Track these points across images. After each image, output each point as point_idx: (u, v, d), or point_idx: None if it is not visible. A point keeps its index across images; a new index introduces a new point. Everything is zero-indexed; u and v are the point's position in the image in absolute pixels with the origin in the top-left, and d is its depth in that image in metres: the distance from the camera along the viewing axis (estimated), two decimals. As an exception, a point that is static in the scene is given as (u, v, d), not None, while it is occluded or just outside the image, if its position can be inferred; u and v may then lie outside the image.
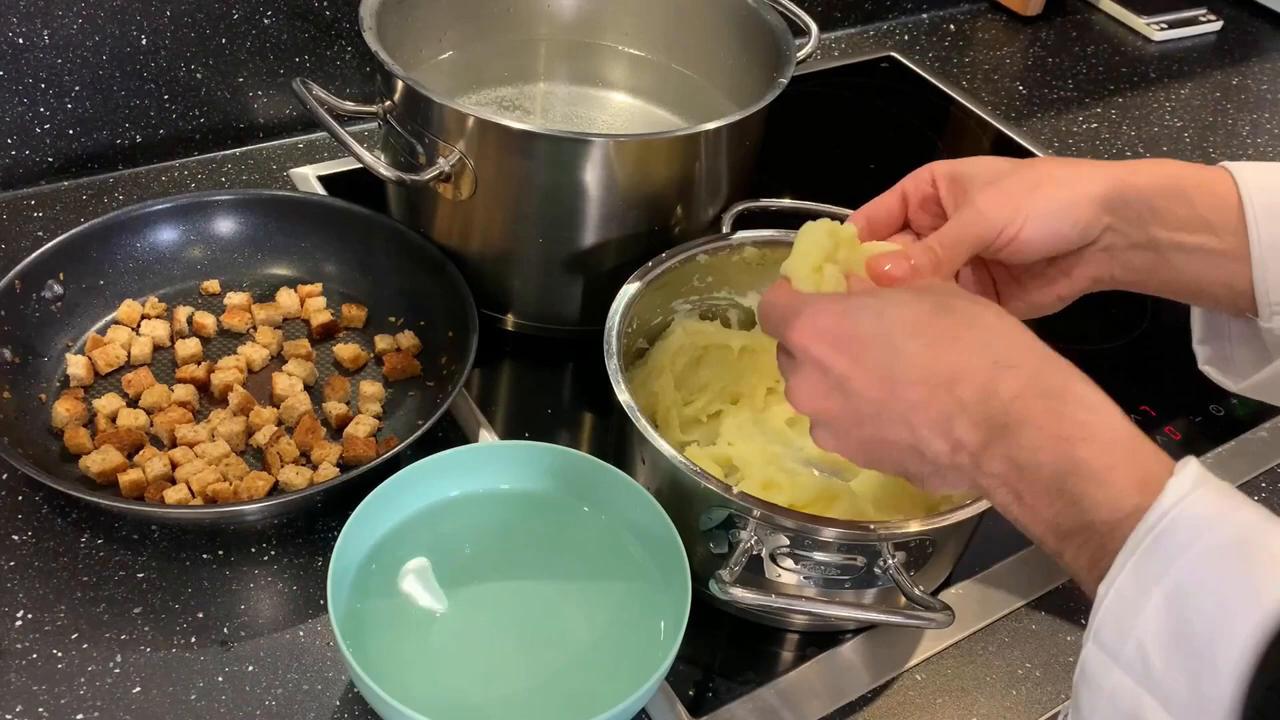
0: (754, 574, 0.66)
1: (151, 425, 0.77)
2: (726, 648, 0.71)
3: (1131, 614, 0.44)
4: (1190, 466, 0.46)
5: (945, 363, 0.51)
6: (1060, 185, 0.61)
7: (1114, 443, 0.48)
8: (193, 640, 0.67)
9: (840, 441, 0.56)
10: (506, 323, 0.88)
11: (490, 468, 0.71)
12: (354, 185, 0.98)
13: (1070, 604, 0.76)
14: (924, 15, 1.44)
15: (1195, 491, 0.45)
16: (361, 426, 0.77)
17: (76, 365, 0.78)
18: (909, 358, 0.52)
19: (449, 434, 0.81)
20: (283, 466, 0.74)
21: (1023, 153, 1.19)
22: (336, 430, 0.79)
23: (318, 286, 0.88)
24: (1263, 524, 0.44)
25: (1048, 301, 0.67)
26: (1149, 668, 0.43)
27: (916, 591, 0.64)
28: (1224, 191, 0.61)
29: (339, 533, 0.63)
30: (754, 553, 0.65)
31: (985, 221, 0.61)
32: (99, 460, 0.72)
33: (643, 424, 0.66)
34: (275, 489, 0.73)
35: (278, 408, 0.79)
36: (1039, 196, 0.61)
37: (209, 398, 0.80)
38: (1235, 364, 0.68)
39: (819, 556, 0.65)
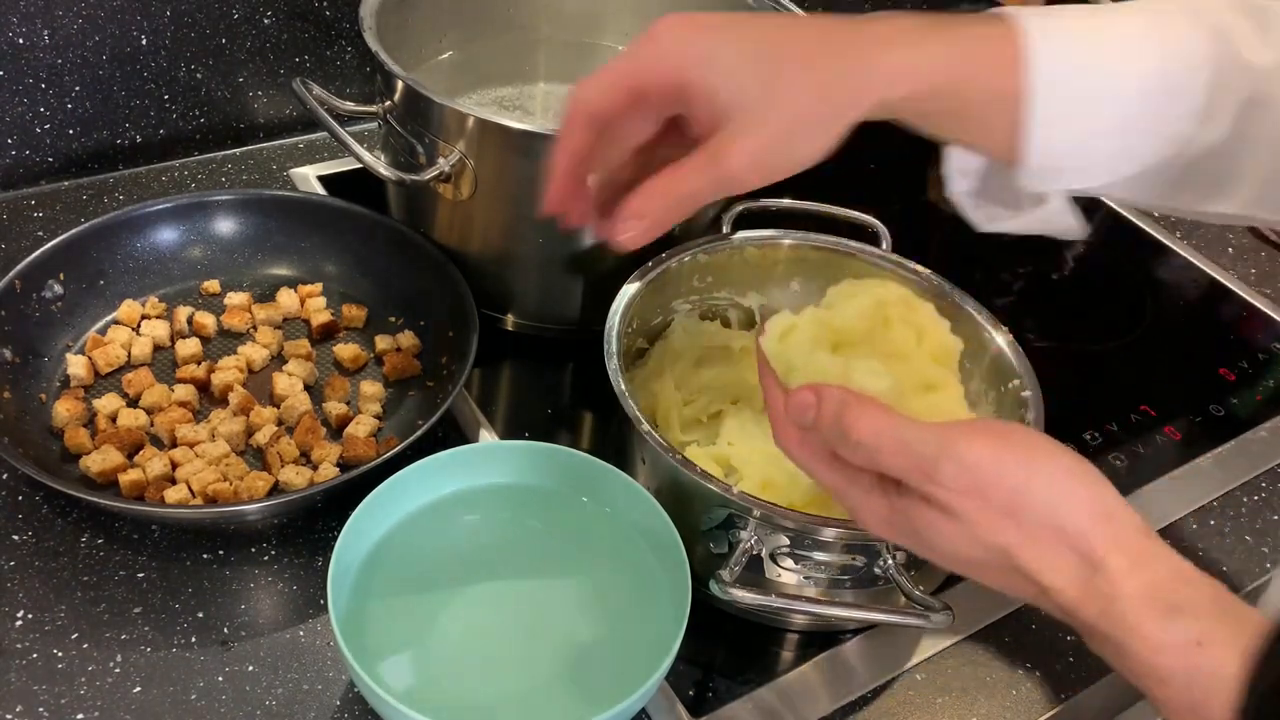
0: (754, 574, 0.66)
1: (151, 425, 0.77)
2: (726, 648, 0.71)
3: None
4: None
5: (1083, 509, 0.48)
6: (820, 123, 0.55)
7: (1212, 606, 0.46)
8: (193, 640, 0.67)
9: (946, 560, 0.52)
10: (506, 323, 0.88)
11: (490, 467, 0.71)
12: (354, 185, 0.98)
13: (1070, 604, 0.76)
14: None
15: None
16: (362, 426, 0.77)
17: (76, 365, 0.78)
18: (1060, 509, 0.48)
19: (449, 434, 0.81)
20: (283, 466, 0.74)
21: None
22: (337, 430, 0.79)
23: (318, 286, 0.88)
24: None
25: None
26: None
27: (916, 591, 0.64)
28: (1006, 63, 0.56)
29: (339, 533, 0.63)
30: (754, 553, 0.65)
31: (737, 185, 0.55)
32: (99, 460, 0.72)
33: (643, 424, 0.66)
34: (275, 489, 0.73)
35: (278, 408, 0.79)
36: (798, 142, 0.55)
37: (209, 398, 0.80)
38: (987, 206, 0.63)
39: (819, 556, 0.65)
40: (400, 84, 0.80)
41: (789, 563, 0.66)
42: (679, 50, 0.56)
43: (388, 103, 0.82)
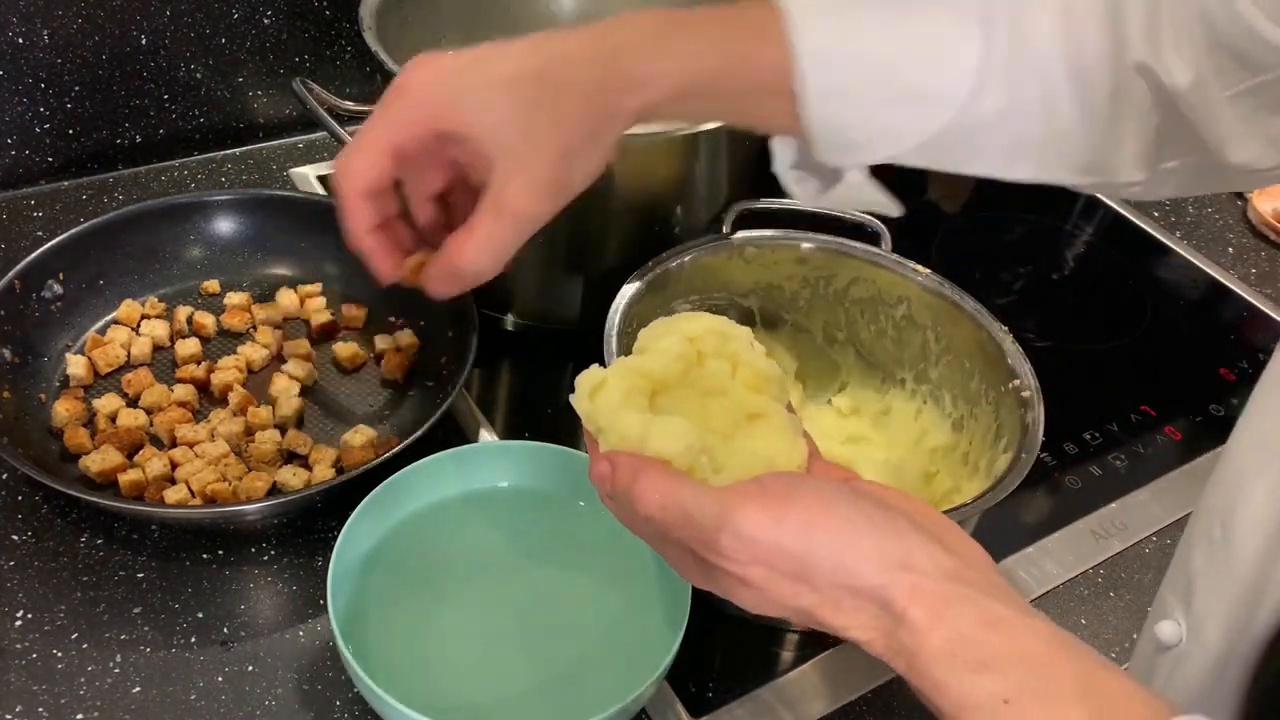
0: (754, 574, 0.66)
1: (151, 425, 0.77)
2: (726, 648, 0.71)
3: None
4: None
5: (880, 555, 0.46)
6: (585, 144, 0.56)
7: (1071, 701, 0.42)
8: (193, 640, 0.67)
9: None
10: (506, 322, 0.88)
11: (490, 467, 0.71)
12: (354, 185, 0.98)
13: (1070, 604, 0.76)
14: (924, 15, 1.44)
15: None
16: (358, 435, 0.77)
17: (76, 365, 0.78)
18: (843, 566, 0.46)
19: (449, 434, 0.81)
20: (279, 468, 0.74)
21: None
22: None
23: (317, 286, 0.88)
24: None
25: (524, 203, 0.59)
26: None
27: (916, 591, 0.64)
28: (769, 46, 0.56)
29: (339, 533, 0.63)
30: (754, 553, 0.65)
31: (528, 221, 0.57)
32: (99, 460, 0.72)
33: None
34: (274, 489, 0.73)
35: (273, 407, 0.79)
36: (574, 166, 0.56)
37: (209, 398, 0.80)
38: (808, 181, 0.63)
39: (819, 556, 0.65)
40: (400, 84, 0.80)
41: (789, 563, 0.65)
42: (428, 100, 0.56)
43: (388, 103, 0.82)
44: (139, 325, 0.83)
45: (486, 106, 0.55)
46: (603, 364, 0.69)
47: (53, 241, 0.81)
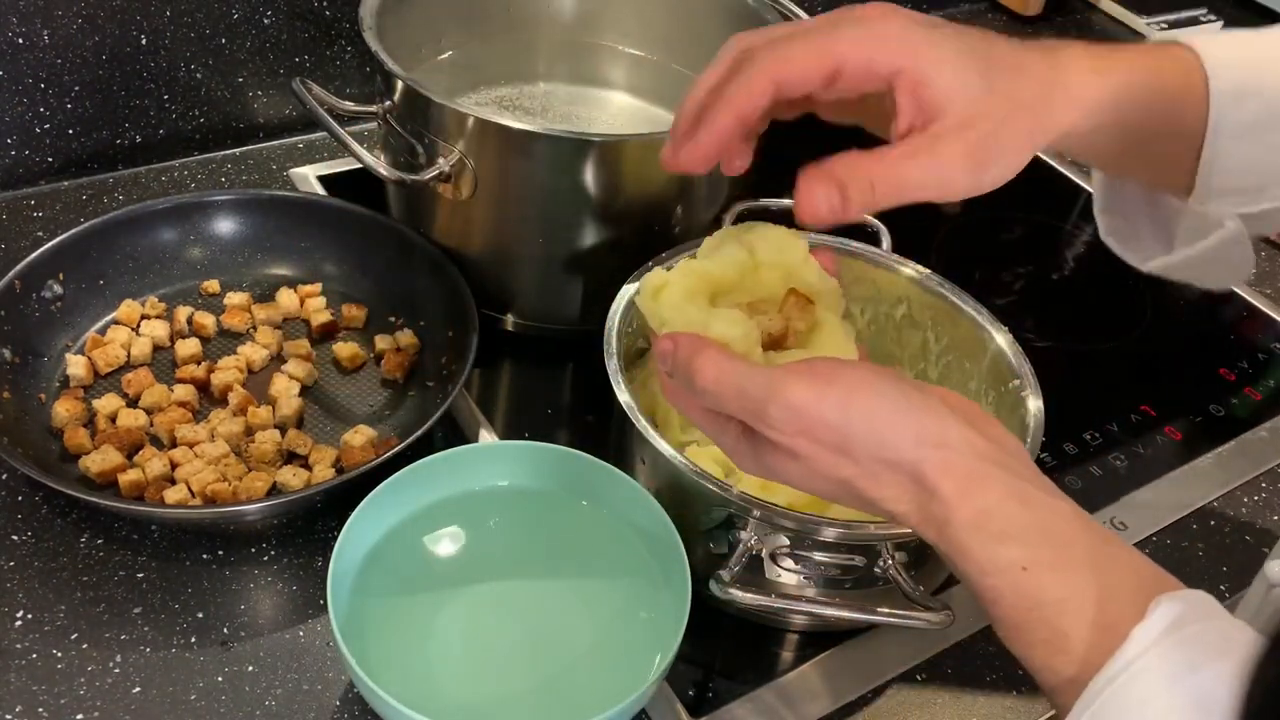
0: (754, 574, 0.66)
1: (151, 425, 0.77)
2: (726, 648, 0.71)
3: None
4: (1160, 611, 0.44)
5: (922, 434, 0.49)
6: (1026, 133, 0.54)
7: (1089, 567, 0.47)
8: (193, 640, 0.67)
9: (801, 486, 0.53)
10: (506, 323, 0.88)
11: (490, 467, 0.71)
12: (354, 185, 0.98)
13: (1070, 604, 0.76)
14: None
15: (1158, 647, 0.43)
16: (358, 435, 0.77)
17: (76, 365, 0.78)
18: (889, 440, 0.49)
19: (449, 434, 0.81)
20: (279, 468, 0.74)
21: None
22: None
23: (317, 286, 0.88)
24: (1221, 689, 0.42)
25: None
26: None
27: (916, 592, 0.64)
28: (1190, 86, 0.57)
29: (339, 533, 0.63)
30: (754, 553, 0.65)
31: (947, 186, 0.52)
32: (99, 460, 0.72)
33: (643, 424, 0.66)
34: (274, 489, 0.73)
35: (273, 407, 0.79)
36: (1009, 151, 0.53)
37: (209, 398, 0.80)
38: (1141, 242, 0.65)
39: (819, 556, 0.65)
40: (400, 84, 0.80)
41: (789, 563, 0.66)
42: (897, 35, 0.53)
43: (388, 103, 0.82)
44: (139, 325, 0.83)
45: (957, 61, 0.52)
46: (603, 364, 0.70)
47: (53, 241, 0.81)
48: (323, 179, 1.01)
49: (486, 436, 0.81)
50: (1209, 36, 0.58)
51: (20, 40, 0.90)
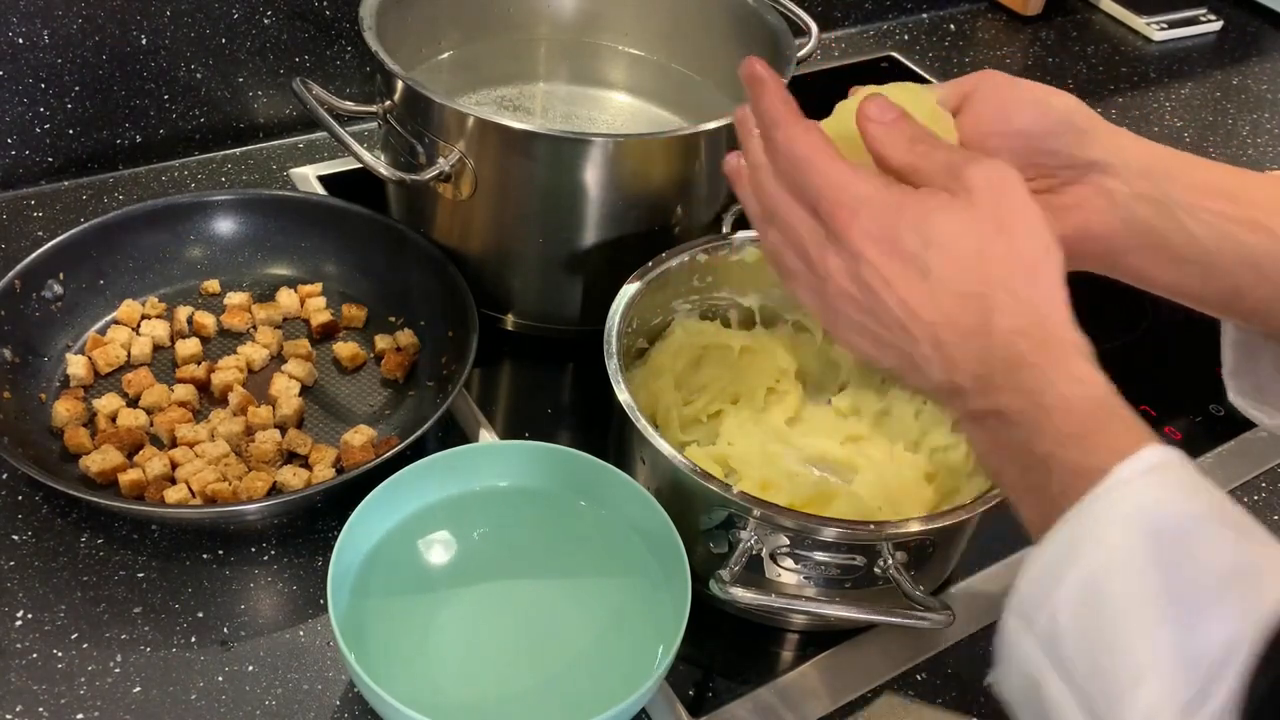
0: (754, 574, 0.66)
1: (151, 425, 0.77)
2: (726, 648, 0.71)
3: (1053, 582, 0.44)
4: (1161, 450, 0.47)
5: (979, 299, 0.49)
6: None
7: (1088, 409, 0.49)
8: (193, 640, 0.67)
9: (827, 315, 0.53)
10: (506, 323, 0.88)
11: (490, 467, 0.71)
12: (354, 185, 0.98)
13: (1070, 604, 0.76)
14: (924, 15, 1.44)
15: (1154, 474, 0.45)
16: (358, 435, 0.77)
17: (76, 365, 0.78)
18: (946, 280, 0.49)
19: (449, 434, 0.81)
20: (279, 468, 0.74)
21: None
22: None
23: (318, 286, 0.88)
24: (1206, 525, 0.44)
25: None
26: (1057, 641, 0.43)
27: (916, 592, 0.64)
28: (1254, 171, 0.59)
29: (339, 533, 0.63)
30: (754, 552, 0.65)
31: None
32: (99, 460, 0.72)
33: (643, 424, 0.66)
34: (275, 489, 0.73)
35: (273, 407, 0.79)
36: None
37: (209, 398, 0.80)
38: (1272, 396, 0.63)
39: (819, 556, 0.65)
40: (400, 84, 0.80)
41: (789, 563, 0.66)
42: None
43: (388, 103, 0.82)
44: (139, 325, 0.83)
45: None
46: (603, 364, 0.70)
47: (53, 241, 0.81)
48: (323, 179, 1.01)
49: (486, 436, 0.81)
50: None
51: (20, 40, 0.90)
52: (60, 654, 0.65)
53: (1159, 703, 0.40)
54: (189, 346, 0.82)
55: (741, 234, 0.81)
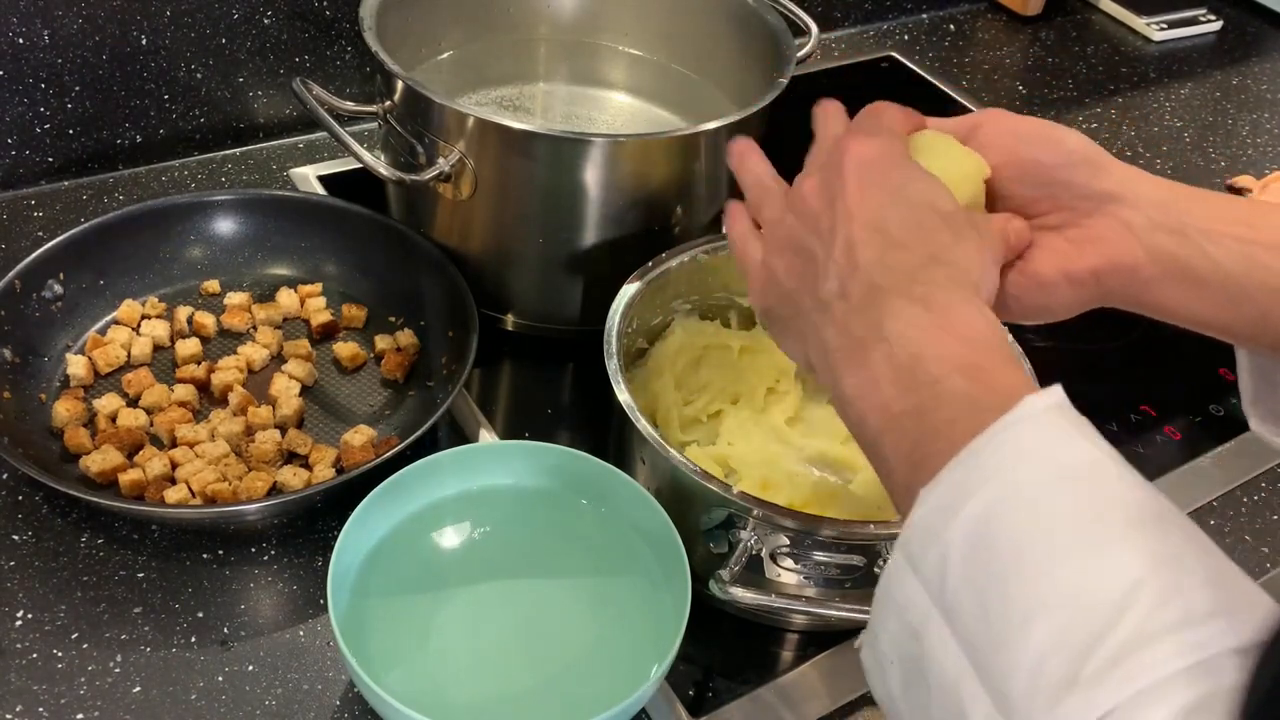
0: (754, 574, 0.66)
1: (151, 425, 0.77)
2: (726, 648, 0.71)
3: (943, 522, 0.41)
4: (1055, 392, 0.44)
5: (909, 237, 0.51)
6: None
7: (989, 347, 0.48)
8: (193, 640, 0.67)
9: (782, 231, 0.55)
10: (506, 323, 0.88)
11: (490, 467, 0.71)
12: (354, 185, 0.98)
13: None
14: (924, 15, 1.44)
15: (1049, 414, 0.43)
16: (358, 435, 0.77)
17: (76, 365, 0.78)
18: (895, 218, 0.51)
19: (449, 434, 0.81)
20: (279, 468, 0.74)
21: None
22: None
23: (318, 286, 0.88)
24: (1114, 465, 0.42)
25: (1050, 276, 0.59)
26: (945, 582, 0.40)
27: (916, 591, 0.64)
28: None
29: (339, 533, 0.63)
30: (754, 552, 0.65)
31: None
32: (99, 460, 0.72)
33: (643, 424, 0.66)
34: (275, 489, 0.73)
35: (273, 407, 0.79)
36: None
37: (209, 398, 0.80)
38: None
39: (819, 556, 0.65)
40: (400, 84, 0.80)
41: (789, 563, 0.66)
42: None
43: (388, 103, 0.82)
44: (139, 325, 0.83)
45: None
46: (603, 364, 0.70)
47: (53, 241, 0.81)
48: (323, 179, 1.01)
49: (486, 436, 0.81)
50: None
51: (20, 40, 0.90)
52: (60, 654, 0.65)
53: (1048, 645, 0.37)
54: (189, 346, 0.82)
55: (741, 234, 0.81)
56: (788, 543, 0.64)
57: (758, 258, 0.57)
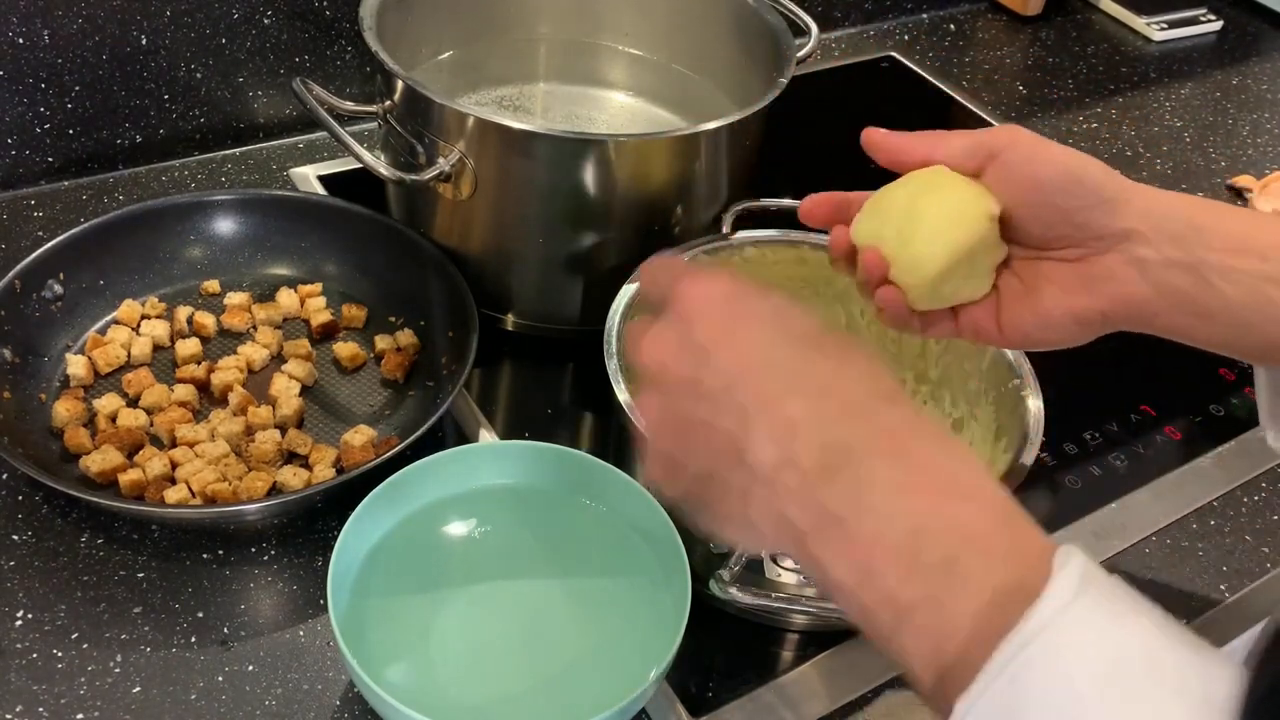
0: (754, 574, 0.66)
1: (151, 425, 0.77)
2: (726, 648, 0.71)
3: None
4: (1074, 563, 0.40)
5: (820, 373, 0.46)
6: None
7: (991, 505, 0.42)
8: (193, 640, 0.67)
9: (663, 412, 0.49)
10: (506, 323, 0.88)
11: (490, 467, 0.71)
12: (354, 185, 0.98)
13: (1070, 604, 0.76)
14: (924, 15, 1.44)
15: (1079, 601, 0.38)
16: (358, 435, 0.77)
17: (76, 365, 0.78)
18: (785, 357, 0.46)
19: (449, 434, 0.81)
20: (280, 468, 0.74)
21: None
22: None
23: (318, 286, 0.88)
24: (1146, 648, 0.39)
25: (1059, 315, 0.59)
26: None
27: (916, 591, 0.64)
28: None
29: (339, 533, 0.63)
30: (754, 552, 0.65)
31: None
32: (99, 460, 0.72)
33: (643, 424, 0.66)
34: (275, 489, 0.73)
35: (273, 407, 0.79)
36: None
37: (209, 398, 0.80)
38: None
39: (819, 556, 0.65)
40: (400, 84, 0.80)
41: (789, 562, 0.66)
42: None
43: (388, 103, 0.82)
44: (139, 325, 0.83)
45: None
46: (603, 364, 0.70)
47: (53, 241, 0.81)
48: (323, 179, 1.01)
49: (486, 436, 0.81)
50: None
51: (20, 40, 0.90)
52: (60, 654, 0.65)
53: None
54: (189, 346, 0.82)
55: (742, 234, 0.81)
56: (788, 543, 0.64)
57: (648, 447, 0.50)
